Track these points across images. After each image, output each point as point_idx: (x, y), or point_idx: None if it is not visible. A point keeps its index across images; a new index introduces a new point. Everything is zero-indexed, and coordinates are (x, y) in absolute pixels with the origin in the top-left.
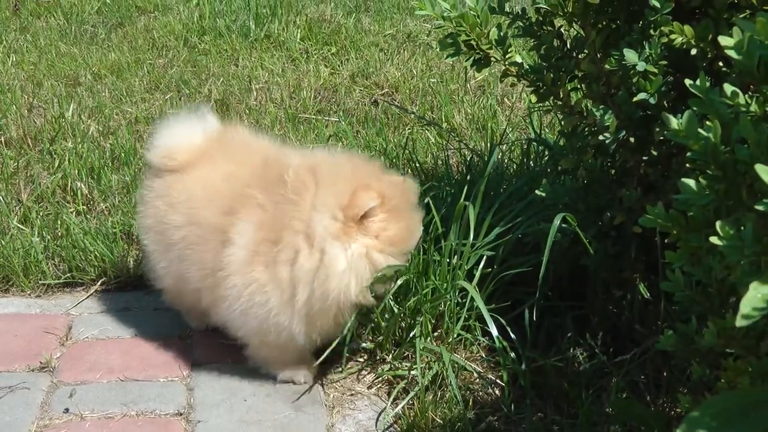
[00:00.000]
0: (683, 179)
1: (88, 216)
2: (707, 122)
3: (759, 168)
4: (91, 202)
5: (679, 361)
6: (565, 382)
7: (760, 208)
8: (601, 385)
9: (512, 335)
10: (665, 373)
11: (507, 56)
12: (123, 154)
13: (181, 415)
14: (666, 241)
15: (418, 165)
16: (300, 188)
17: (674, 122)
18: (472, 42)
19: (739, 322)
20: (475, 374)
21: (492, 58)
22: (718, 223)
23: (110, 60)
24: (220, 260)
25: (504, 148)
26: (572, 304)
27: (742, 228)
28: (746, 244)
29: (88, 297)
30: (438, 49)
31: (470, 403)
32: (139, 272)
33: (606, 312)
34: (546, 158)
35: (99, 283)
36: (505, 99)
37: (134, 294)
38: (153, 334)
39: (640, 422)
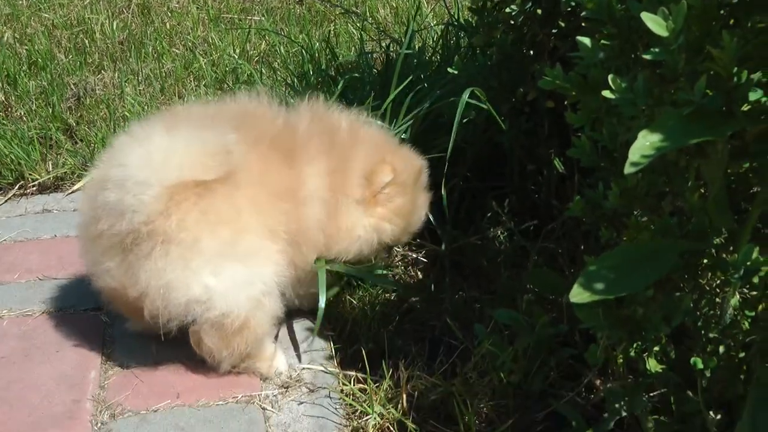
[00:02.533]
0: (578, 37)
1: (5, 122)
2: None
3: (645, 16)
4: (8, 109)
5: (589, 227)
6: (485, 260)
7: (647, 57)
8: (519, 262)
9: (431, 217)
10: (582, 246)
11: None
12: (40, 60)
13: (100, 310)
14: (566, 103)
15: (339, 59)
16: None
17: None
18: None
19: (628, 169)
20: (398, 256)
21: None
22: (610, 77)
23: None
24: None
25: (424, 35)
26: (491, 184)
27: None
28: (638, 97)
29: (6, 201)
30: None
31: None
32: (57, 174)
33: (524, 189)
34: (464, 42)
35: (17, 187)
36: None
37: (53, 196)
38: (73, 234)
39: (553, 290)
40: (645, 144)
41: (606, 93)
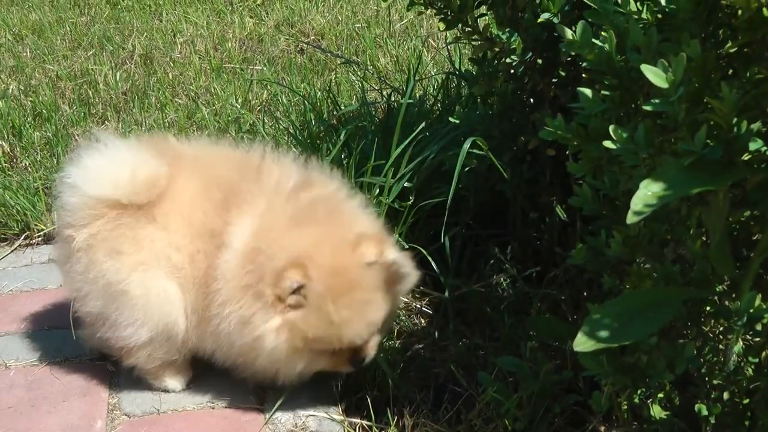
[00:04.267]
0: (579, 88)
1: (10, 173)
2: (603, 32)
3: (645, 68)
4: (14, 160)
5: (591, 275)
6: (488, 308)
7: (647, 108)
8: (523, 309)
9: (435, 266)
10: (585, 293)
11: None
12: (44, 111)
13: (106, 359)
14: (567, 153)
15: (341, 107)
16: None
17: (569, 33)
18: None
19: (630, 219)
20: (401, 305)
21: None
22: (611, 128)
23: (31, 20)
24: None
25: (425, 84)
26: (494, 232)
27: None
28: (639, 147)
29: (12, 252)
30: None
31: (394, 333)
32: None
33: (526, 237)
34: (465, 90)
35: (22, 238)
36: (430, 40)
37: None
38: None
39: (557, 336)
40: (647, 194)
41: (607, 143)
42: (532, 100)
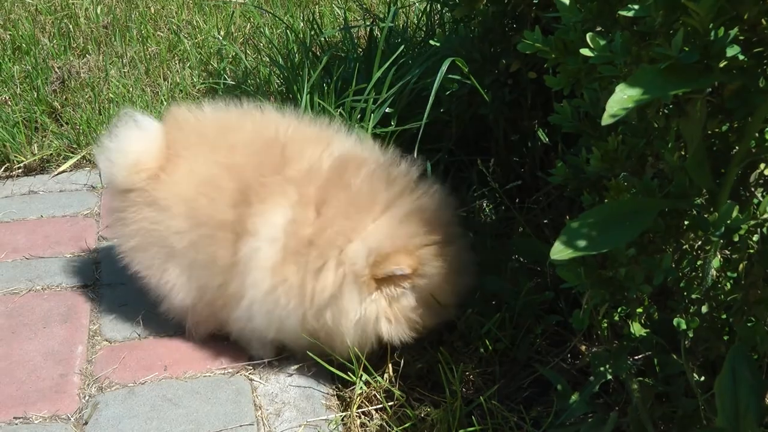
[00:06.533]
0: None
1: None
2: None
3: None
4: None
5: (572, 194)
6: (471, 232)
7: (625, 13)
8: (505, 233)
9: None
10: (567, 217)
11: None
12: (24, 44)
13: (87, 287)
14: (545, 66)
15: (324, 39)
16: (366, 201)
17: None
18: None
19: (606, 120)
20: None
21: None
22: (588, 35)
23: None
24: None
25: (408, 12)
26: (476, 158)
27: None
28: (616, 55)
29: None
30: None
31: None
32: (43, 156)
33: (508, 161)
34: (448, 17)
35: (2, 169)
36: None
37: (39, 178)
38: (59, 215)
39: (538, 258)
40: (623, 97)
41: (584, 51)
42: (513, 22)
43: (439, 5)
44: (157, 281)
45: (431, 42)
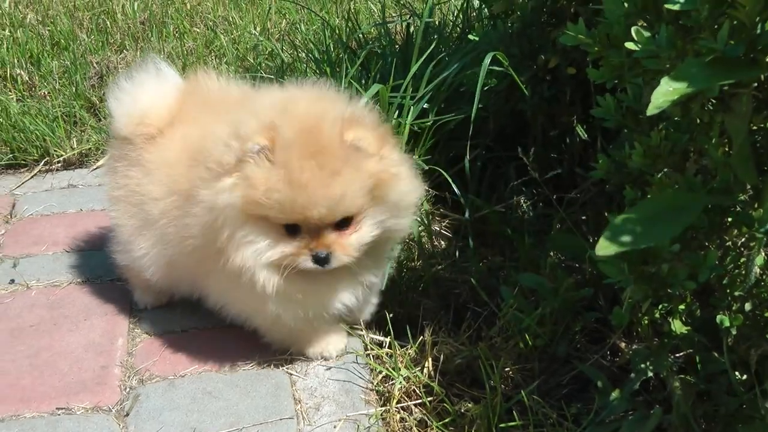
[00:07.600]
0: None
1: (29, 101)
2: None
3: None
4: (33, 88)
5: (613, 189)
6: (509, 229)
7: (670, 6)
8: (543, 229)
9: (455, 187)
10: (605, 213)
11: None
12: (62, 40)
13: (126, 280)
14: (588, 59)
15: (362, 35)
16: None
17: None
18: None
19: (650, 111)
20: (421, 227)
21: None
22: (633, 29)
23: None
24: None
25: (445, 10)
26: (514, 154)
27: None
28: (661, 49)
29: (32, 177)
30: None
31: (415, 255)
32: (82, 150)
33: (547, 158)
34: (485, 14)
35: (42, 163)
36: None
37: (78, 172)
38: (98, 208)
39: (577, 254)
40: (668, 89)
41: (629, 44)
42: (552, 17)
43: (476, 1)
44: (127, 239)
45: (470, 37)
